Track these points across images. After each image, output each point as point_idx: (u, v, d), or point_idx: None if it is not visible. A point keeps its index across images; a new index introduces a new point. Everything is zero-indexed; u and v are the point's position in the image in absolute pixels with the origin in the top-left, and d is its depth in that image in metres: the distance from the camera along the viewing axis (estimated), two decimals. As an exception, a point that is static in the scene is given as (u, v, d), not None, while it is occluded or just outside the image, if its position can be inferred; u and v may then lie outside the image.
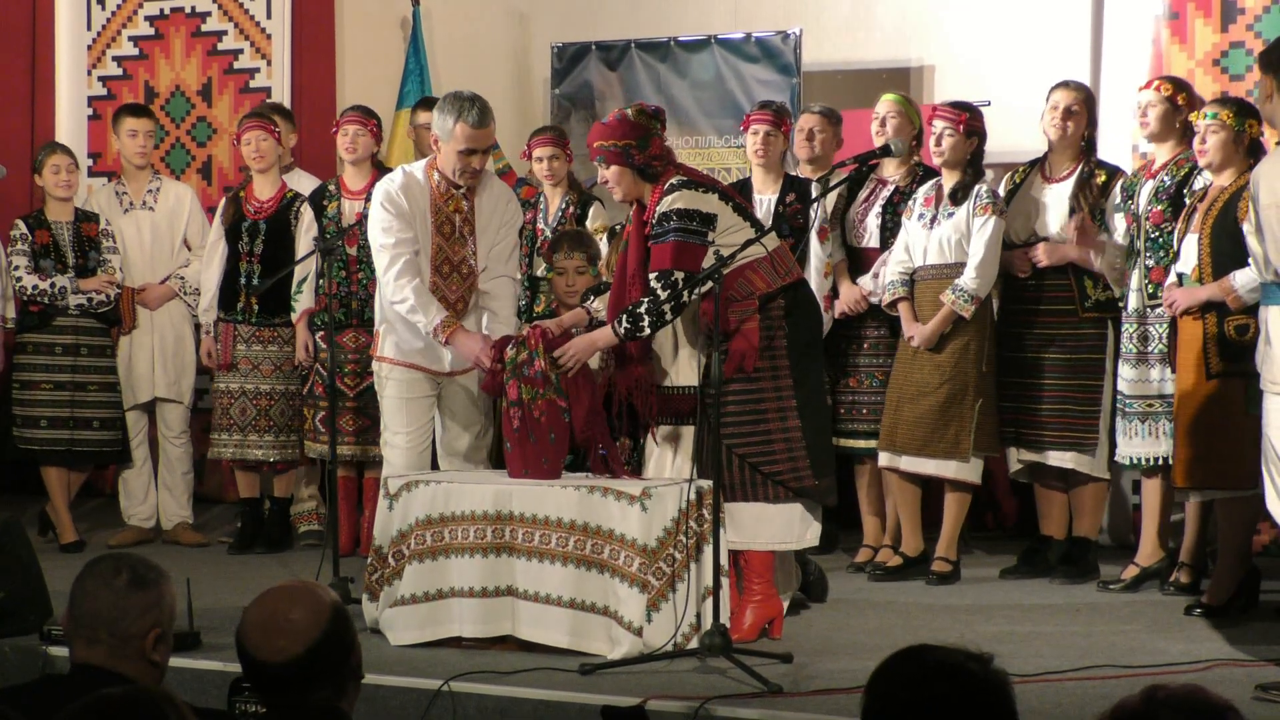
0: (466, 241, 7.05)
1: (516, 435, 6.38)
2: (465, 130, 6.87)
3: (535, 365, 6.34)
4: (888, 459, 7.73)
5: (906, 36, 10.04)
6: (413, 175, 7.05)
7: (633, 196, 6.47)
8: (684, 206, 6.25)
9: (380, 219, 6.96)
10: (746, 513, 6.34)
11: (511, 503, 6.13)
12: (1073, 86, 7.78)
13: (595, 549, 5.97)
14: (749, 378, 6.29)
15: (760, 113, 8.08)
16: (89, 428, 8.83)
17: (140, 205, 9.06)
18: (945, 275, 7.61)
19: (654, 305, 6.19)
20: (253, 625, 3.64)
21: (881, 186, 8.10)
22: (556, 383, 6.34)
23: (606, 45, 10.34)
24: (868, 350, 8.01)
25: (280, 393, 8.73)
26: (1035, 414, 7.69)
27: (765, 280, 6.30)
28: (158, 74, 10.65)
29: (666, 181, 6.37)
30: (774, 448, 6.30)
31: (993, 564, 8.05)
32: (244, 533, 8.86)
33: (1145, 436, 7.30)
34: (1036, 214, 7.72)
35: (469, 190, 7.05)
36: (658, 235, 6.29)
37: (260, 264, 8.66)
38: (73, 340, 8.78)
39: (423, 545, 6.25)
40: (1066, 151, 7.74)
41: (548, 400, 6.34)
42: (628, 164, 6.39)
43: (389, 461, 7.14)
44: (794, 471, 6.31)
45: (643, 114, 6.44)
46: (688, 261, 6.20)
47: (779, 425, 6.31)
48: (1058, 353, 7.66)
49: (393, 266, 6.88)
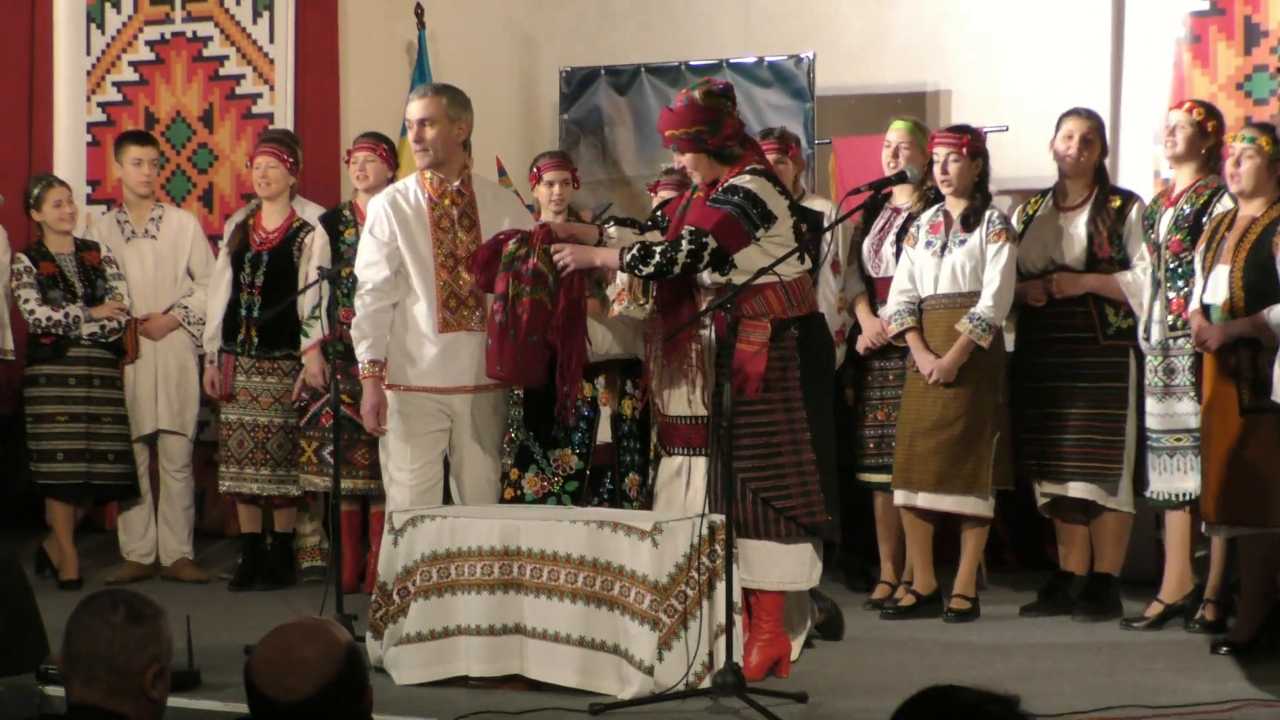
0: (468, 232, 7.05)
1: (498, 331, 6.39)
2: (408, 108, 7.08)
3: (530, 262, 6.33)
4: (904, 496, 7.70)
5: (922, 60, 10.04)
6: (403, 188, 7.14)
7: (711, 179, 6.42)
8: (755, 191, 6.21)
9: (362, 244, 7.15)
10: (758, 551, 6.32)
11: (519, 538, 6.12)
12: (1084, 114, 7.79)
13: (605, 585, 5.95)
14: (762, 409, 6.27)
15: (765, 142, 8.07)
16: (104, 461, 8.83)
17: (143, 234, 9.07)
18: (958, 304, 7.58)
19: (669, 252, 6.14)
20: (263, 661, 3.62)
21: (896, 215, 8.08)
22: (552, 285, 6.31)
23: (616, 69, 10.35)
24: (894, 382, 7.96)
25: (278, 426, 8.73)
26: (1057, 445, 7.67)
27: (782, 306, 6.29)
28: (158, 100, 10.66)
29: (748, 165, 6.34)
30: (787, 481, 6.29)
31: (1012, 600, 8.02)
32: (245, 568, 8.86)
33: (1173, 472, 7.28)
34: (1053, 243, 7.71)
35: (464, 184, 7.07)
36: (717, 200, 6.24)
37: (261, 295, 8.67)
38: (85, 371, 8.80)
39: (428, 582, 6.25)
40: (1080, 179, 7.74)
41: (534, 299, 6.32)
42: (702, 149, 6.34)
43: (392, 499, 7.07)
44: (807, 506, 6.30)
45: (710, 95, 6.35)
46: (728, 235, 6.16)
47: (793, 459, 6.30)
48: (1078, 382, 7.65)
49: (360, 288, 7.04)
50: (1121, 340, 7.61)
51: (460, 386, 7.03)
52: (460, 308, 7.01)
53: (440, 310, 6.99)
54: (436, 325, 6.98)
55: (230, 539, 9.66)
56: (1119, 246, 7.60)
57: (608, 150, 10.33)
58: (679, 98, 6.40)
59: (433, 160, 7.02)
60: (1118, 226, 7.61)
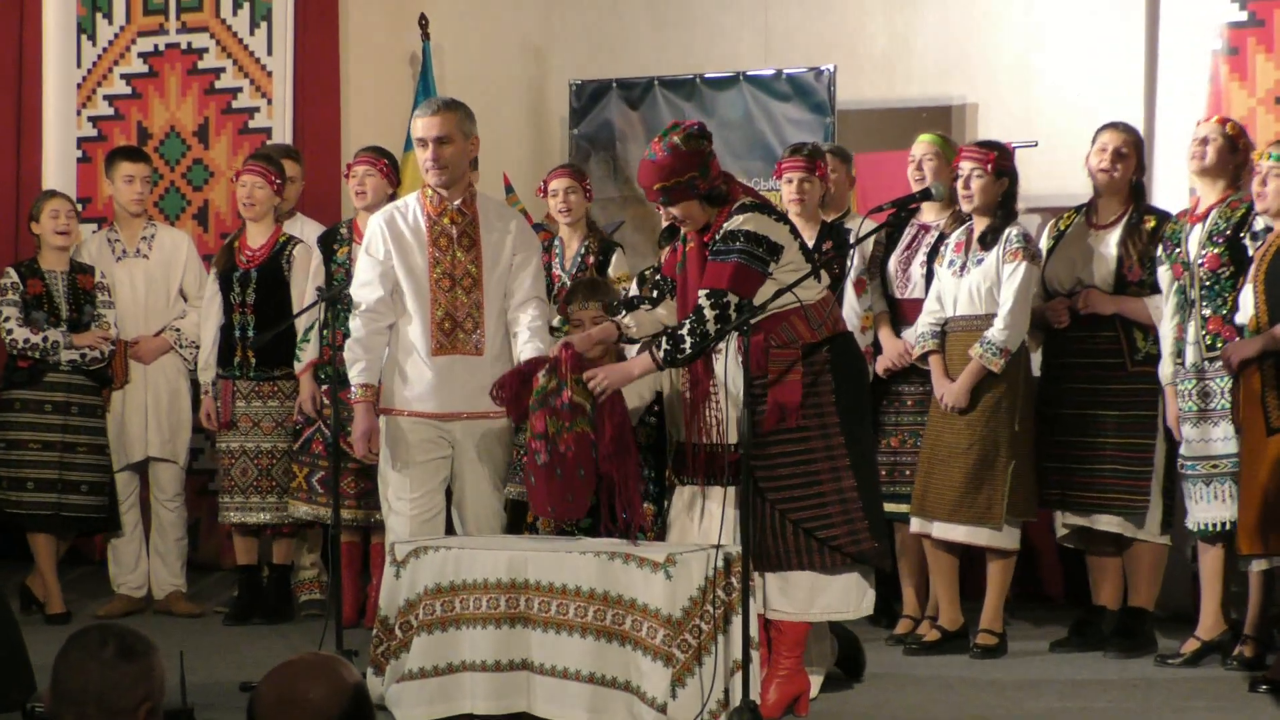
0: (467, 252, 7.05)
1: (543, 471, 6.36)
2: (416, 123, 7.05)
3: (564, 395, 6.32)
4: (919, 525, 7.70)
5: (948, 73, 10.05)
6: (403, 206, 7.16)
7: (702, 224, 6.44)
8: (754, 230, 6.23)
9: (358, 263, 7.20)
10: (801, 581, 6.34)
11: (526, 570, 6.11)
12: (1121, 128, 7.78)
13: (616, 619, 5.94)
14: (798, 437, 6.28)
15: (792, 159, 8.09)
16: (77, 492, 8.78)
17: (134, 253, 9.06)
18: (975, 327, 7.57)
19: (697, 325, 6.17)
20: (267, 700, 3.62)
21: (924, 233, 8.08)
22: (591, 413, 6.31)
23: (628, 82, 10.37)
24: (911, 408, 7.96)
25: (282, 451, 8.71)
26: (1082, 475, 7.65)
27: (809, 329, 6.30)
28: (151, 114, 10.69)
29: (736, 201, 6.36)
30: (829, 510, 6.30)
31: (1041, 636, 8.01)
32: (241, 602, 8.85)
33: (1210, 500, 7.27)
34: (1081, 262, 7.71)
35: (466, 202, 7.07)
36: (720, 252, 6.26)
37: (254, 314, 8.66)
38: (64, 398, 8.76)
39: (432, 615, 6.24)
40: (1115, 196, 7.74)
41: (576, 433, 6.32)
42: (695, 196, 6.36)
43: (391, 530, 7.06)
44: (851, 535, 6.31)
45: (692, 138, 6.36)
46: (744, 286, 6.19)
47: (833, 486, 6.31)
48: (1105, 409, 7.64)
49: (355, 309, 7.08)
50: (1150, 366, 7.60)
51: (457, 413, 7.03)
52: (456, 330, 7.00)
53: (434, 332, 6.99)
54: (430, 348, 6.99)
55: (225, 571, 9.66)
56: (1150, 270, 7.59)
57: (619, 166, 10.35)
58: (656, 148, 6.38)
59: (449, 179, 7.03)
60: (1150, 249, 7.60)
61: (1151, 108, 9.23)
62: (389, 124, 10.49)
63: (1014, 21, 9.95)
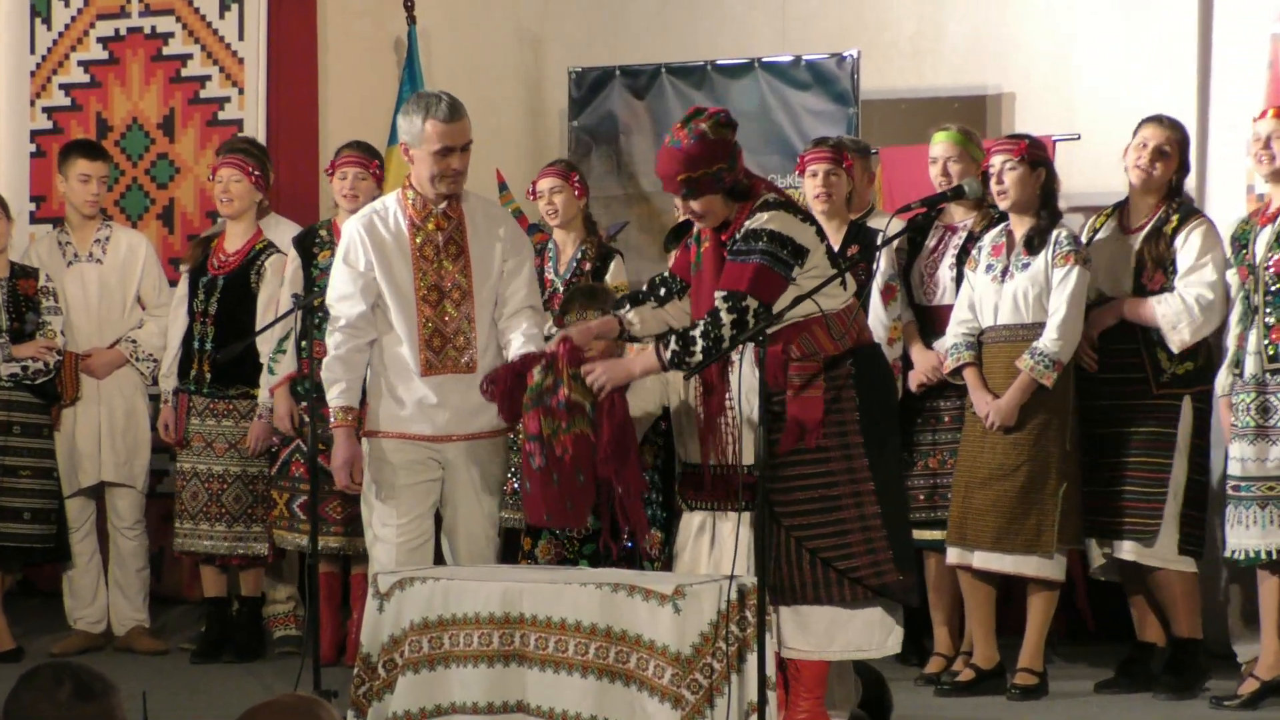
0: (455, 261, 7.04)
1: (538, 475, 6.36)
2: (437, 127, 6.93)
3: (560, 393, 6.31)
4: (957, 555, 7.68)
5: (981, 60, 10.05)
6: (381, 209, 7.11)
7: (722, 220, 6.43)
8: (778, 230, 6.23)
9: (334, 273, 7.12)
10: (819, 616, 6.32)
11: (522, 603, 6.10)
12: (1165, 124, 7.75)
13: (620, 657, 5.93)
14: (818, 458, 6.27)
15: (817, 150, 8.09)
16: (18, 520, 8.73)
17: (86, 257, 9.05)
18: (1021, 337, 7.55)
19: (712, 328, 6.16)
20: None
21: (951, 234, 8.06)
22: (591, 412, 6.30)
23: (633, 70, 10.37)
24: (949, 425, 7.94)
25: (235, 476, 8.70)
26: (1105, 499, 7.64)
27: (832, 340, 6.29)
28: (112, 104, 10.69)
29: (759, 197, 6.36)
30: (850, 539, 6.28)
31: (1085, 676, 8.00)
32: (209, 638, 8.85)
33: (1265, 525, 7.26)
34: (1105, 270, 7.67)
35: (451, 205, 7.06)
36: (740, 252, 6.25)
37: (215, 325, 8.66)
38: (4, 417, 8.73)
39: (418, 653, 6.23)
40: (1150, 197, 7.72)
41: (574, 434, 6.31)
42: (719, 189, 6.36)
43: (375, 559, 7.07)
44: (874, 566, 6.29)
45: (720, 126, 6.34)
46: (765, 290, 6.18)
47: (855, 513, 6.29)
48: (1126, 429, 7.62)
49: (333, 323, 7.04)
50: (1176, 388, 7.56)
51: (451, 435, 7.04)
52: (446, 347, 6.99)
53: (423, 350, 6.98)
54: (419, 367, 6.99)
55: (192, 604, 9.66)
56: (1172, 274, 7.56)
57: (623, 162, 10.34)
58: (681, 134, 6.34)
59: (460, 189, 7.04)
60: (1167, 253, 7.57)
61: (1205, 98, 9.22)
62: (371, 116, 10.49)
63: (1054, 3, 9.95)
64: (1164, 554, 7.60)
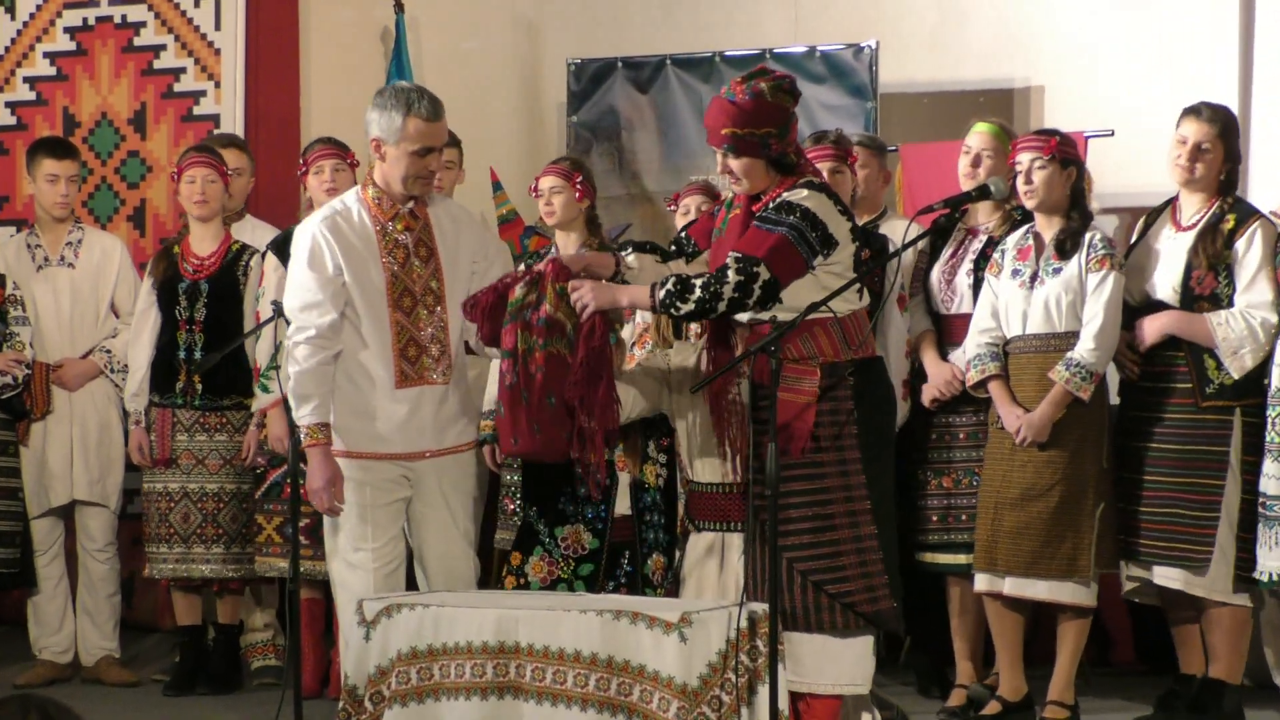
0: (425, 264, 7.01)
1: (509, 394, 6.39)
2: (419, 126, 6.92)
3: (542, 309, 6.32)
4: (987, 582, 7.63)
5: (1008, 50, 10.06)
6: (343, 209, 7.06)
7: (760, 190, 6.44)
8: (814, 209, 6.24)
9: (296, 279, 7.03)
10: (808, 647, 6.31)
11: (518, 631, 6.10)
12: (1205, 116, 7.68)
13: (622, 689, 5.93)
14: (812, 474, 6.26)
15: (818, 147, 8.04)
16: (-19, 544, 8.77)
17: (58, 261, 9.05)
18: (1054, 347, 7.51)
19: (713, 285, 6.16)
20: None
21: (971, 238, 8.02)
22: (571, 334, 6.30)
23: (636, 62, 10.37)
24: (965, 442, 7.91)
25: (230, 494, 8.68)
26: (1141, 518, 7.60)
27: (835, 348, 6.28)
28: (80, 99, 10.70)
29: (804, 178, 6.37)
30: (843, 561, 6.28)
31: (1119, 709, 7.99)
32: (182, 668, 8.83)
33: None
34: (1151, 271, 7.63)
35: (417, 205, 7.05)
36: (768, 220, 6.26)
37: (204, 332, 8.65)
38: (-35, 436, 8.75)
39: (407, 685, 6.23)
40: (1198, 193, 7.67)
41: (549, 353, 6.31)
42: (763, 155, 6.36)
43: (346, 586, 7.01)
44: (868, 591, 6.28)
45: (780, 90, 6.37)
46: (782, 264, 6.19)
47: (850, 534, 6.29)
48: (1169, 444, 7.57)
49: (296, 334, 6.95)
50: (1224, 400, 7.53)
51: (425, 451, 7.02)
52: (421, 356, 6.97)
53: (398, 361, 6.95)
54: (394, 378, 6.97)
55: (165, 633, 9.65)
56: (1226, 280, 7.53)
57: (625, 159, 10.35)
58: (738, 89, 6.38)
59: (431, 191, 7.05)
60: (1224, 254, 7.53)
61: (1247, 90, 9.25)
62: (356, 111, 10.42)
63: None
64: (1215, 585, 7.51)
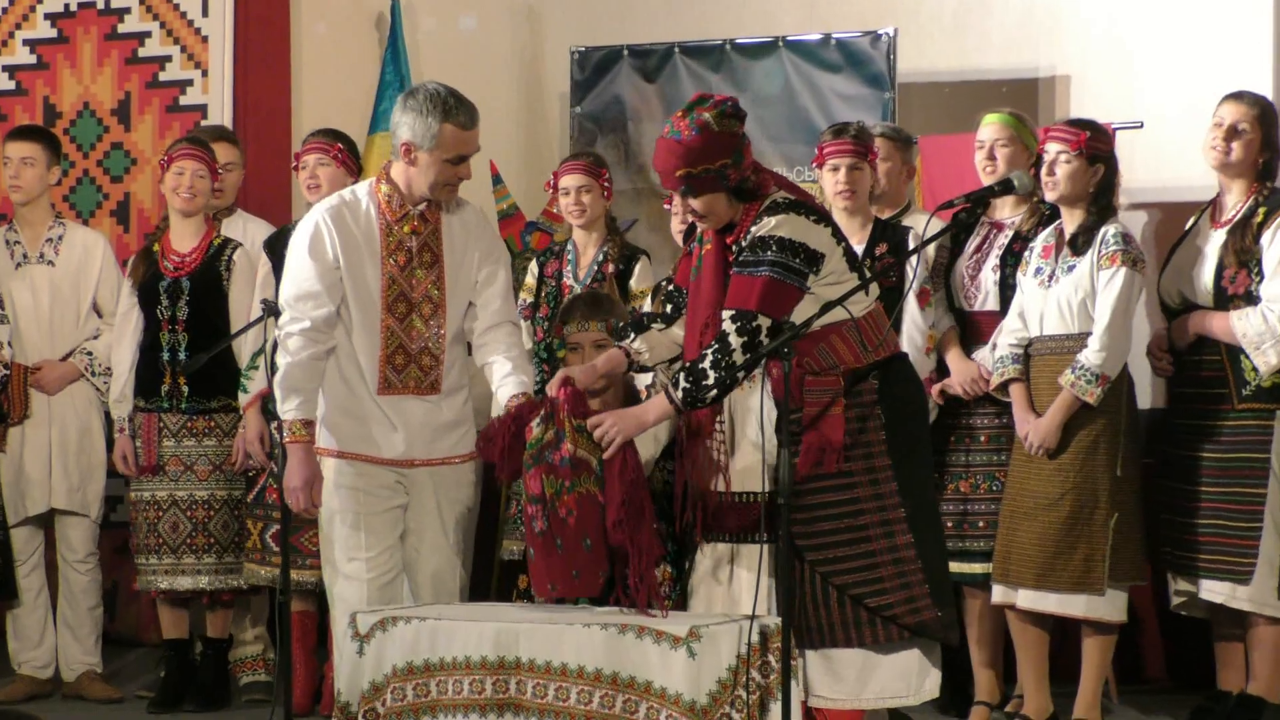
0: (429, 271, 6.98)
1: (540, 542, 6.36)
2: (456, 133, 6.85)
3: (563, 448, 6.30)
4: (1002, 594, 7.62)
5: (1033, 38, 10.05)
6: (351, 199, 7.02)
7: (726, 221, 6.42)
8: (788, 236, 6.21)
9: (295, 266, 6.98)
10: (850, 660, 6.32)
11: (518, 646, 6.09)
12: (1246, 100, 7.68)
13: (627, 706, 5.92)
14: (841, 484, 6.25)
15: (838, 142, 8.01)
16: (-45, 555, 8.76)
17: (37, 258, 9.04)
18: (1068, 349, 7.47)
19: (721, 355, 6.15)
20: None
21: (996, 232, 8.01)
22: (599, 470, 6.29)
23: (642, 50, 10.36)
24: (985, 445, 7.90)
25: (221, 501, 8.67)
26: (1187, 529, 7.59)
27: (854, 351, 6.27)
28: (61, 88, 10.70)
29: (767, 198, 6.35)
30: (881, 574, 6.28)
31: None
32: (168, 684, 8.83)
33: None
34: (1187, 272, 7.61)
35: (430, 209, 7.02)
36: (747, 264, 6.24)
37: (186, 332, 8.63)
38: (-58, 440, 8.76)
39: (402, 701, 6.23)
40: (1236, 184, 7.65)
41: (579, 494, 6.30)
42: (723, 187, 6.34)
43: (342, 599, 6.99)
44: (909, 603, 6.28)
45: (724, 117, 6.32)
46: (775, 305, 6.17)
47: (885, 544, 6.29)
48: (1210, 452, 7.55)
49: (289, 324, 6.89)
50: (1263, 403, 7.51)
51: (413, 460, 7.00)
52: (410, 365, 6.94)
53: (383, 367, 6.93)
54: (375, 384, 6.95)
55: (149, 647, 9.65)
56: (1257, 276, 7.50)
57: (631, 152, 10.34)
58: (681, 124, 6.32)
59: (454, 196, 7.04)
60: (1254, 250, 7.50)
61: (1281, 78, 9.25)
62: (349, 100, 10.50)
63: (1113, -25, 9.98)
64: (1261, 597, 7.49)
